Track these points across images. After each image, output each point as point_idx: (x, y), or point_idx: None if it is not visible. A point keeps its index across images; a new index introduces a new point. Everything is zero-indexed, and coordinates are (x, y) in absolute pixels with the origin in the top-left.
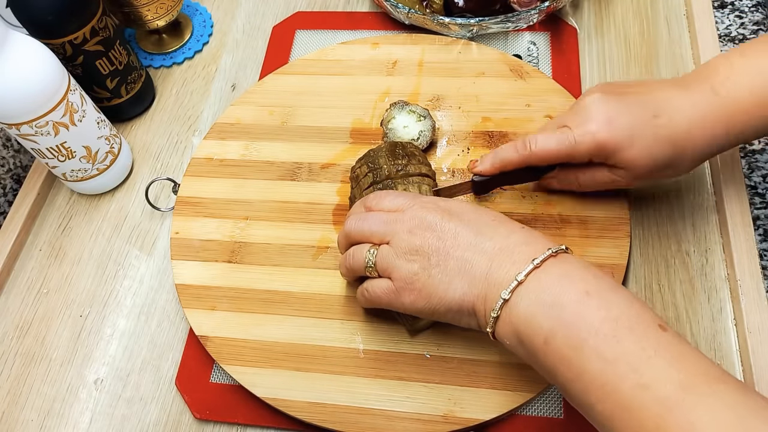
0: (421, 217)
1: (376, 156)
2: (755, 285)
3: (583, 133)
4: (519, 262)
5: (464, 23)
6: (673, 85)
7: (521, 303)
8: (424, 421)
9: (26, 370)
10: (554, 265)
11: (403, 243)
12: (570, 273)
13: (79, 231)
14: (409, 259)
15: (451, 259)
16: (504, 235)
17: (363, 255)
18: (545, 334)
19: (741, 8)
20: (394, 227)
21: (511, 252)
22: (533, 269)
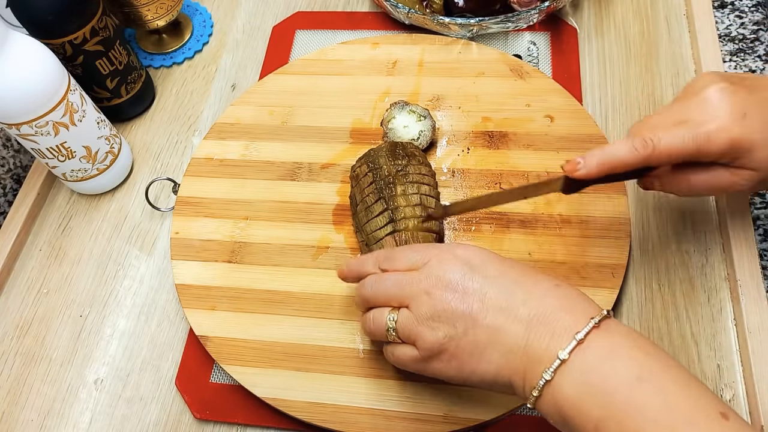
0: (438, 275)
1: (376, 156)
2: (755, 285)
3: (717, 129)
4: (559, 334)
5: (464, 23)
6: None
7: (566, 384)
8: (424, 421)
9: (26, 370)
10: (599, 340)
11: (423, 307)
12: (617, 350)
13: (79, 231)
14: (432, 326)
15: (481, 326)
16: (538, 298)
17: (383, 321)
18: (595, 421)
19: (741, 8)
20: (411, 289)
21: (549, 321)
22: (576, 346)
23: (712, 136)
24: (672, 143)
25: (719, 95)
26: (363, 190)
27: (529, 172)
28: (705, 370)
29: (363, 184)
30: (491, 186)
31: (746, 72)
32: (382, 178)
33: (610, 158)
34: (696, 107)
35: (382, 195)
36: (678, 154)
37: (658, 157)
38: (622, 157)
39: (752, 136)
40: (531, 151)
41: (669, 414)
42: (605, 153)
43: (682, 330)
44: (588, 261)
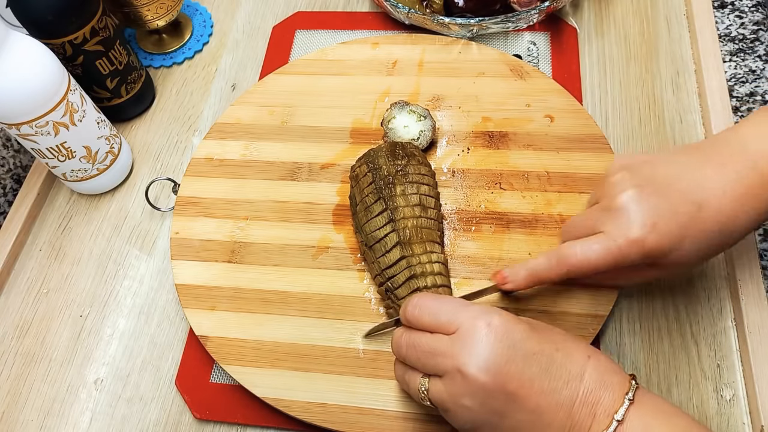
0: (473, 352)
1: (375, 156)
2: (755, 285)
3: (629, 242)
4: (600, 415)
5: (464, 23)
6: (704, 162)
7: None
8: (424, 422)
9: (26, 370)
10: (636, 418)
11: (455, 386)
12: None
13: (79, 231)
14: (467, 407)
15: (522, 411)
16: (577, 377)
17: (416, 386)
18: None
19: (741, 8)
20: (446, 363)
21: (590, 403)
22: (617, 426)
23: (625, 250)
24: (586, 258)
25: (631, 205)
26: (362, 190)
27: (529, 171)
28: (705, 370)
29: (362, 184)
30: (491, 186)
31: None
32: (381, 178)
33: (533, 273)
34: (611, 218)
35: (382, 195)
36: (594, 268)
37: (577, 272)
38: (544, 272)
39: (666, 242)
40: (531, 151)
41: None
42: (528, 268)
43: (682, 330)
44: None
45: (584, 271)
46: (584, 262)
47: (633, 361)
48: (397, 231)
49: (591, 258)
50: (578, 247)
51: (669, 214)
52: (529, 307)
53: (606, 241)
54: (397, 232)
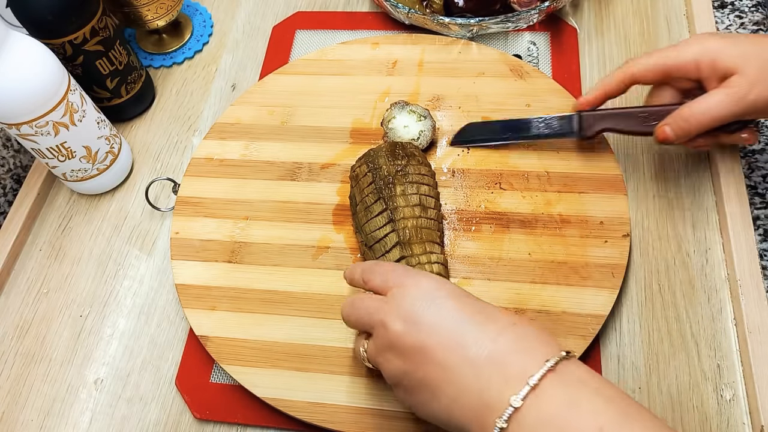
0: (398, 304)
1: (375, 156)
2: (755, 285)
3: (686, 42)
4: (513, 379)
5: (464, 23)
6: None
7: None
8: (424, 422)
9: (26, 370)
10: (555, 386)
11: (379, 339)
12: (576, 399)
13: (79, 231)
14: (387, 359)
15: (431, 363)
16: (492, 338)
17: (359, 349)
18: None
19: (741, 8)
20: (373, 319)
21: (501, 364)
22: (530, 392)
23: (681, 47)
24: (645, 61)
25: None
26: (362, 190)
27: (529, 172)
28: (705, 370)
29: (362, 184)
30: (491, 186)
31: None
32: (381, 178)
33: (602, 84)
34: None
35: (382, 195)
36: (654, 70)
37: (636, 74)
38: (609, 81)
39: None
40: (531, 151)
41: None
42: (599, 81)
43: (682, 330)
44: (588, 261)
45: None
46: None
47: (633, 361)
48: (396, 231)
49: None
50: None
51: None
52: (529, 307)
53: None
54: (396, 232)
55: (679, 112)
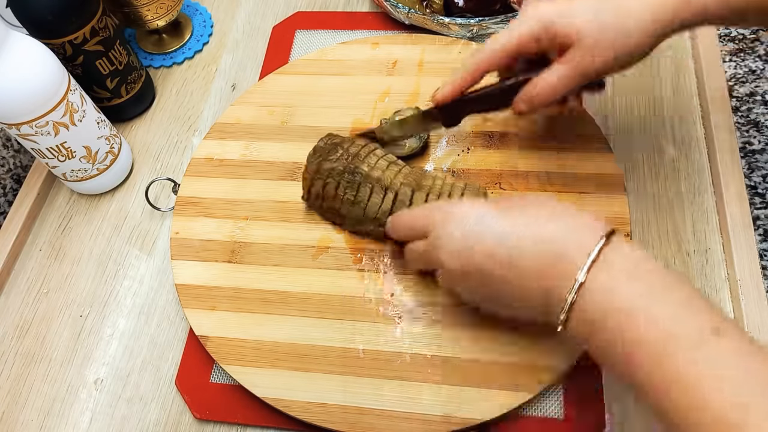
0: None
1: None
2: (755, 285)
3: (523, 16)
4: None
5: (464, 23)
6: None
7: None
8: (424, 421)
9: (26, 370)
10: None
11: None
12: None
13: (79, 231)
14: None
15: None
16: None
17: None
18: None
19: None
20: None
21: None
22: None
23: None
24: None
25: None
26: (337, 197)
27: (529, 172)
28: None
29: (330, 192)
30: (491, 186)
31: None
32: (343, 173)
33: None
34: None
35: (356, 181)
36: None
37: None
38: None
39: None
40: (531, 151)
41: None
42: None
43: None
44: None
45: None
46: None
47: None
48: (401, 186)
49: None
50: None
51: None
52: None
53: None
54: (402, 186)
55: (527, 89)
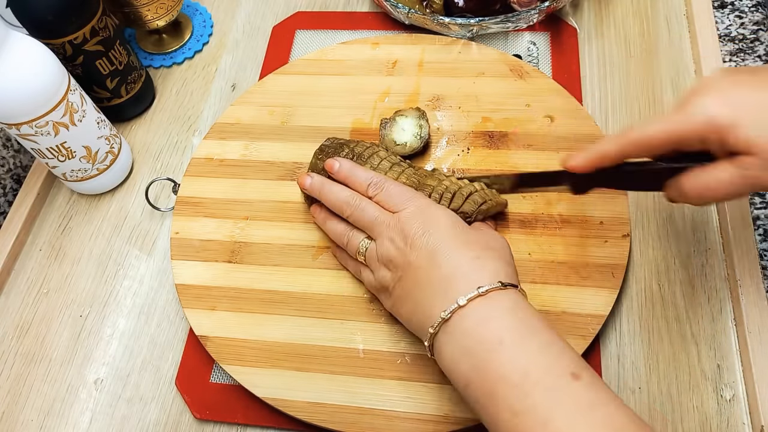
0: (402, 227)
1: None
2: (755, 285)
3: (693, 110)
4: (450, 297)
5: (464, 23)
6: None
7: (446, 343)
8: (424, 421)
9: (26, 370)
10: (479, 308)
11: (382, 249)
12: (491, 317)
13: (79, 231)
14: (385, 266)
15: (410, 278)
16: (454, 264)
17: (357, 243)
18: (465, 379)
19: (741, 8)
20: (381, 230)
21: (449, 285)
22: (456, 309)
23: (684, 117)
24: (644, 129)
25: (707, 80)
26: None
27: None
28: (705, 370)
29: None
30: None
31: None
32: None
33: (596, 150)
34: (683, 98)
35: None
36: (653, 140)
37: (634, 144)
38: (605, 148)
39: (734, 111)
40: (531, 151)
41: (519, 375)
42: (594, 146)
43: (682, 330)
44: (588, 261)
45: (643, 145)
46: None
47: (633, 361)
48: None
49: (649, 130)
50: (641, 124)
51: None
52: None
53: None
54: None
55: (681, 185)
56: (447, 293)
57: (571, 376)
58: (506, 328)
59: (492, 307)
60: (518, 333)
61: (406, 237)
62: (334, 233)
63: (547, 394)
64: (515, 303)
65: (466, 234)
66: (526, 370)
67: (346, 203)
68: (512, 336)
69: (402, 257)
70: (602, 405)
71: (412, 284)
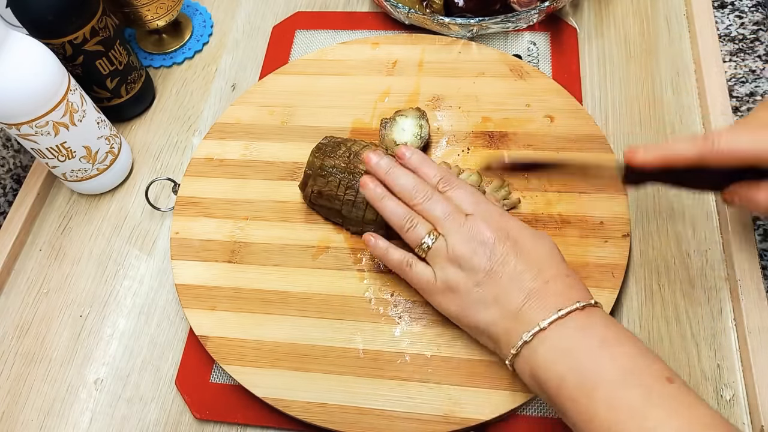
0: (479, 230)
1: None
2: (755, 285)
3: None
4: (548, 309)
5: (464, 23)
6: None
7: (541, 348)
8: (424, 421)
9: (26, 370)
10: (577, 318)
11: (456, 248)
12: (589, 326)
13: (79, 231)
14: (457, 267)
15: (492, 285)
16: (544, 280)
17: (422, 235)
18: (559, 379)
19: (741, 8)
20: (452, 227)
21: (544, 297)
22: (557, 319)
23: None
24: (733, 143)
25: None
26: (337, 196)
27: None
28: (705, 370)
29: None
30: None
31: None
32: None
33: (671, 150)
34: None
35: (356, 183)
36: (740, 156)
37: (718, 156)
38: (682, 150)
39: None
40: (531, 151)
41: (619, 373)
42: (666, 144)
43: (682, 330)
44: (588, 261)
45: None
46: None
47: None
48: None
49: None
50: (728, 133)
51: None
52: None
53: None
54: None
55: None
56: (544, 305)
57: (666, 379)
58: (605, 335)
59: (589, 317)
60: (616, 338)
61: (484, 241)
62: (393, 213)
63: (645, 392)
64: (607, 317)
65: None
66: (626, 369)
67: (417, 191)
68: (611, 339)
69: (482, 261)
70: (694, 407)
71: (497, 291)
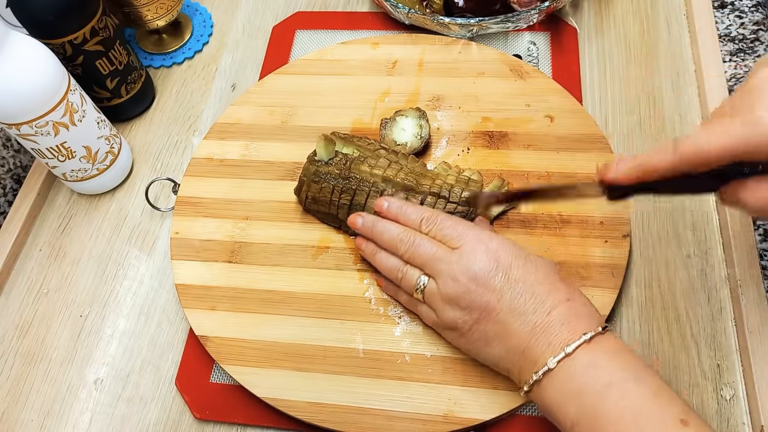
0: (468, 266)
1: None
2: (755, 285)
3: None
4: (554, 345)
5: (464, 23)
6: None
7: (550, 387)
8: (424, 421)
9: (26, 370)
10: (585, 353)
11: (447, 288)
12: (598, 362)
13: (79, 231)
14: (452, 307)
15: (491, 321)
16: (547, 310)
17: (413, 281)
18: (571, 420)
19: (741, 8)
20: (440, 267)
21: (549, 331)
22: (564, 357)
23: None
24: (697, 144)
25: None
26: (332, 202)
27: (530, 172)
28: (705, 370)
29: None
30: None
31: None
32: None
33: (641, 162)
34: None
35: (351, 187)
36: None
37: (686, 162)
38: (653, 161)
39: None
40: (531, 151)
41: (630, 417)
42: (639, 157)
43: (682, 330)
44: (588, 261)
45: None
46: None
47: None
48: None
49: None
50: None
51: None
52: None
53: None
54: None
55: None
56: (550, 342)
57: (681, 422)
58: (614, 372)
59: (597, 351)
60: (625, 376)
61: (475, 276)
62: (386, 268)
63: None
64: (618, 346)
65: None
66: (637, 413)
67: (400, 240)
68: (620, 379)
69: (476, 298)
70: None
71: (498, 328)
